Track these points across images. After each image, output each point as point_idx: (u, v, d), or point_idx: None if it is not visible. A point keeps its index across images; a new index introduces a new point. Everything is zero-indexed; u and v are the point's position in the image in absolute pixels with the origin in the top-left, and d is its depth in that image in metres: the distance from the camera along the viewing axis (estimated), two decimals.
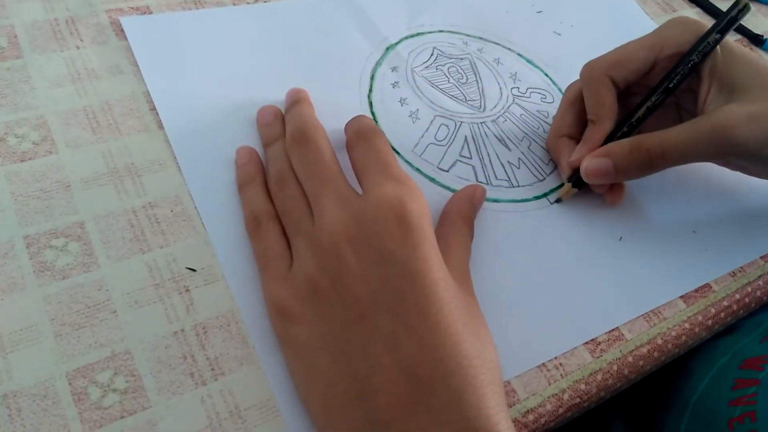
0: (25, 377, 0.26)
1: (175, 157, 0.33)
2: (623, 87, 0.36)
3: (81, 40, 0.36)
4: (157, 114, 0.34)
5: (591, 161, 0.34)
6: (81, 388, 0.26)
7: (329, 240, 0.27)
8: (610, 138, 0.35)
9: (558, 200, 0.37)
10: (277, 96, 0.36)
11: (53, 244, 0.29)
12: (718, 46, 0.34)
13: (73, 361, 0.26)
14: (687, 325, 0.34)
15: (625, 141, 0.34)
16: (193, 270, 0.30)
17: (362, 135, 0.31)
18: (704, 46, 0.34)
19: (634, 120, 0.35)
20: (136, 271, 0.29)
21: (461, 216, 0.32)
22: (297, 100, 0.35)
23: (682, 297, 0.35)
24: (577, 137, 0.38)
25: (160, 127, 0.34)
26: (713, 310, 0.35)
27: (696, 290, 0.36)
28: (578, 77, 0.37)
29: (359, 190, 0.29)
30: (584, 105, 0.37)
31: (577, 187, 0.36)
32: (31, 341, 0.27)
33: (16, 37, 0.35)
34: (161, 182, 0.32)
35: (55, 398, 0.25)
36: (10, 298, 0.27)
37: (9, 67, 0.34)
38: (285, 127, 0.34)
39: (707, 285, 0.36)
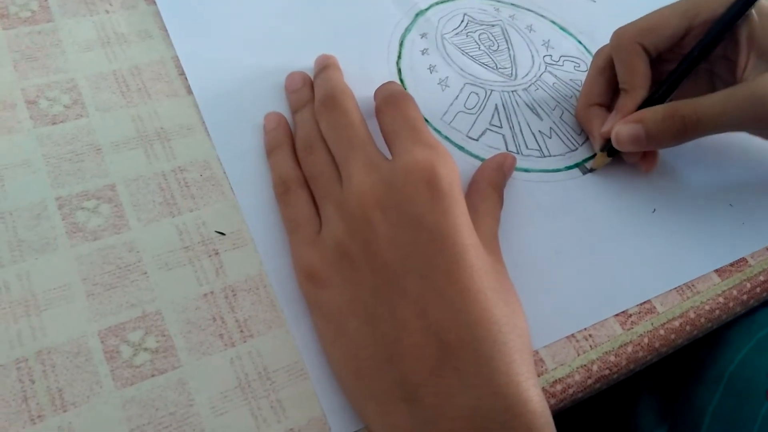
0: (58, 334, 0.26)
1: (203, 122, 0.33)
2: (655, 54, 0.35)
3: (110, 4, 0.36)
4: (186, 79, 0.34)
5: (622, 128, 0.33)
6: (113, 347, 0.26)
7: (358, 204, 0.27)
8: (642, 107, 0.34)
9: (591, 170, 0.36)
10: (305, 62, 0.36)
11: (85, 205, 0.29)
12: (755, 13, 0.33)
13: (105, 320, 0.27)
14: (721, 299, 0.33)
15: (658, 107, 0.33)
16: (222, 234, 0.30)
17: (392, 100, 0.30)
18: (738, 8, 0.33)
19: (666, 87, 0.34)
20: (166, 233, 0.29)
21: (491, 184, 0.32)
22: (326, 65, 0.34)
23: (716, 271, 0.34)
24: (607, 105, 0.37)
25: (189, 92, 0.34)
26: (749, 285, 0.34)
27: (731, 264, 0.35)
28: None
29: (388, 156, 0.29)
30: (614, 72, 0.36)
31: (611, 155, 0.35)
32: (64, 300, 0.27)
33: (46, 1, 0.35)
34: (190, 147, 0.32)
35: (87, 356, 0.26)
36: (44, 258, 0.28)
37: (40, 31, 0.34)
38: (313, 93, 0.34)
39: (743, 259, 0.35)
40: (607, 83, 0.37)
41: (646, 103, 0.34)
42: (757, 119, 0.32)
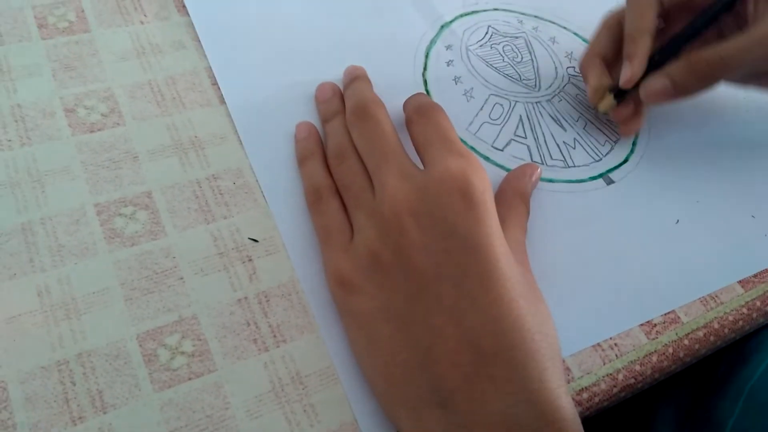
0: (98, 338, 0.27)
1: (236, 131, 0.34)
2: (668, 5, 0.36)
3: (145, 15, 0.37)
4: (219, 89, 0.35)
5: (650, 81, 0.35)
6: (151, 350, 0.27)
7: (391, 212, 0.27)
8: (658, 59, 0.35)
9: (605, 113, 0.38)
10: (333, 72, 0.37)
11: (122, 212, 0.30)
12: None
13: (143, 324, 0.27)
14: (744, 310, 0.34)
15: (680, 60, 0.34)
16: (255, 240, 0.30)
17: (422, 111, 0.31)
18: None
19: (682, 39, 0.35)
20: (201, 240, 0.30)
21: (518, 194, 0.32)
22: (356, 76, 0.35)
23: (739, 282, 0.35)
24: (610, 60, 0.38)
25: (222, 101, 0.35)
26: None
27: (755, 275, 0.35)
28: None
29: (420, 166, 0.29)
30: (621, 30, 0.37)
31: (618, 99, 0.37)
32: (103, 304, 0.28)
33: (83, 11, 0.36)
34: (223, 155, 0.33)
35: (126, 359, 0.27)
36: (83, 263, 0.28)
37: (77, 41, 0.35)
38: (343, 103, 0.34)
39: (765, 270, 0.35)
40: (613, 38, 0.38)
41: (663, 54, 0.35)
42: None
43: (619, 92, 0.36)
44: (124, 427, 0.25)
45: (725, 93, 0.42)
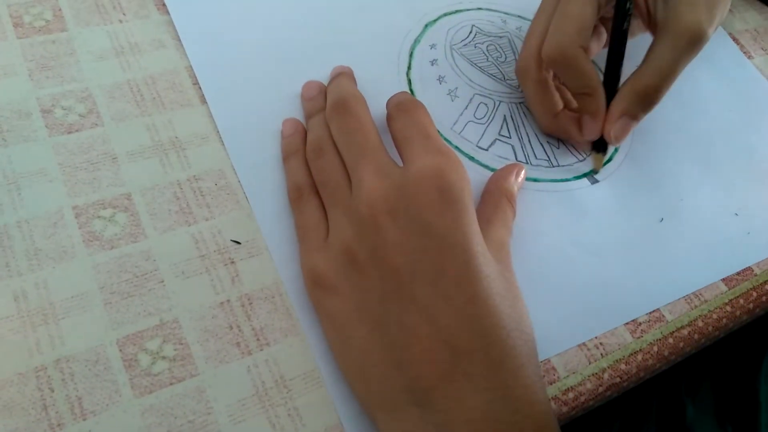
0: (77, 343, 0.26)
1: (218, 132, 0.33)
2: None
3: (123, 14, 0.36)
4: (200, 88, 0.34)
5: (615, 128, 0.35)
6: (131, 355, 0.26)
7: (367, 210, 0.27)
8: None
9: (595, 172, 0.37)
10: (316, 71, 0.36)
11: (101, 214, 0.30)
12: None
13: (123, 329, 0.27)
14: (728, 308, 0.34)
15: (625, 92, 0.34)
16: (238, 243, 0.30)
17: (403, 107, 0.31)
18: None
19: (613, 67, 0.35)
20: (182, 242, 0.29)
21: (504, 194, 0.32)
22: (339, 73, 0.35)
23: (723, 280, 0.35)
24: (567, 105, 0.37)
25: (203, 101, 0.34)
26: (755, 294, 0.35)
27: (738, 273, 0.35)
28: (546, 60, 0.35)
29: (399, 164, 0.29)
30: (550, 77, 0.37)
31: (603, 151, 0.37)
32: (81, 308, 0.27)
33: (60, 10, 0.36)
34: (205, 156, 0.32)
35: (106, 364, 0.26)
36: (61, 267, 0.28)
37: (54, 40, 0.34)
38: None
39: (749, 268, 0.36)
40: (552, 91, 0.37)
41: (607, 85, 0.35)
42: (698, 47, 0.33)
43: (597, 143, 0.36)
44: None
45: (709, 92, 0.43)
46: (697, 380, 0.41)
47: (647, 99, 0.34)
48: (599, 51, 0.38)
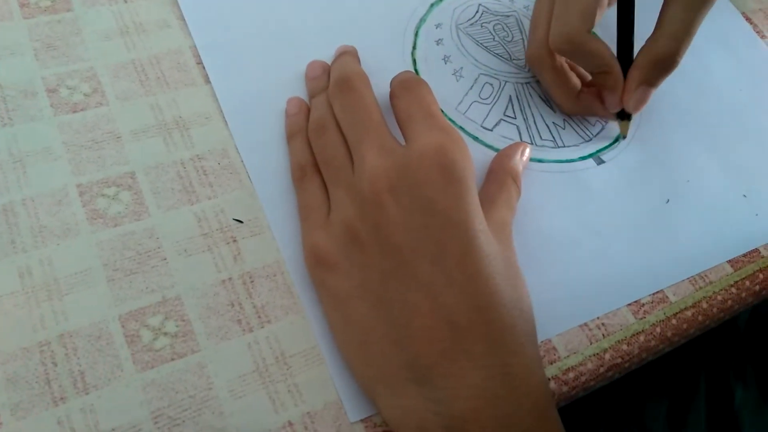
0: (80, 319, 0.27)
1: (221, 111, 0.33)
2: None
3: None
4: (204, 68, 0.35)
5: (633, 98, 0.34)
6: (133, 331, 0.27)
7: (370, 188, 0.27)
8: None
9: (623, 137, 0.38)
10: (321, 51, 0.36)
11: (105, 192, 0.30)
12: None
13: (126, 305, 0.27)
14: (734, 290, 0.34)
15: (641, 62, 0.34)
16: (240, 221, 0.30)
17: (406, 85, 0.30)
18: None
19: (626, 40, 0.35)
20: (185, 220, 0.30)
21: (509, 173, 0.32)
22: (343, 52, 0.35)
23: (729, 261, 0.34)
24: (585, 81, 0.37)
25: (207, 81, 0.34)
26: (761, 276, 0.34)
27: (744, 255, 0.35)
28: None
29: (402, 142, 0.29)
30: (564, 64, 0.36)
31: (628, 118, 0.37)
32: (85, 285, 0.27)
33: None
34: (208, 135, 0.32)
35: (108, 339, 0.26)
36: (65, 243, 0.28)
37: (60, 20, 0.35)
38: None
39: (756, 250, 0.35)
40: (568, 75, 0.37)
41: (622, 57, 0.35)
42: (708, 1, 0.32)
43: (621, 111, 0.36)
44: (106, 407, 0.25)
45: (719, 72, 0.42)
46: (744, 365, 0.41)
47: (665, 66, 0.34)
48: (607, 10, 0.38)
